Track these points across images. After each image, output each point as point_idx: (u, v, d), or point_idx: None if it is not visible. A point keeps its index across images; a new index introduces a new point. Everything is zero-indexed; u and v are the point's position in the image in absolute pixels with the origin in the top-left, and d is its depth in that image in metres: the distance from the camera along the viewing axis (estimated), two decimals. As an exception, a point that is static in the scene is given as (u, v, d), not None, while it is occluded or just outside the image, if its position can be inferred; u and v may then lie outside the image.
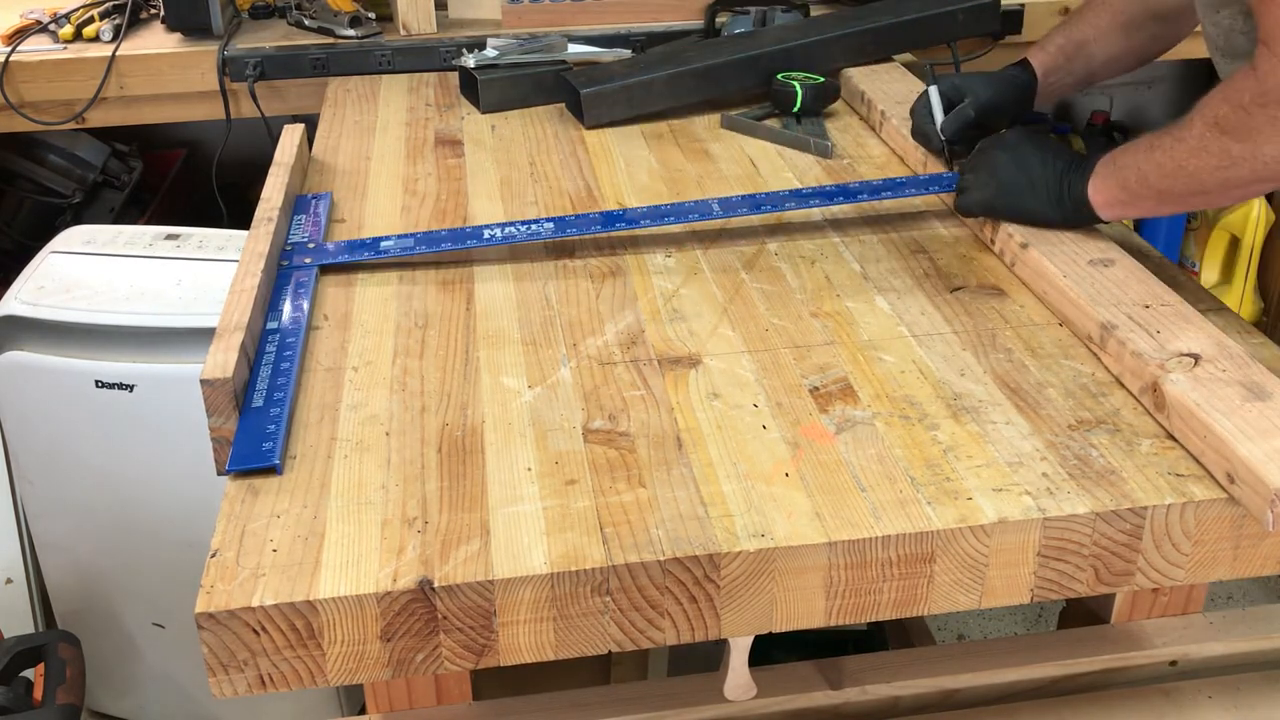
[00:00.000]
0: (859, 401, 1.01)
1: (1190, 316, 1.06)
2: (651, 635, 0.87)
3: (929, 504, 0.89)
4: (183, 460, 1.62)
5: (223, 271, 1.63)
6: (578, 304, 1.18)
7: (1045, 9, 2.06)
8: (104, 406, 1.62)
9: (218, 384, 0.97)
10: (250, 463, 0.93)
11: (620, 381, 1.05)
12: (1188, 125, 1.07)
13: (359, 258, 1.25)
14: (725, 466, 0.93)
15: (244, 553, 0.85)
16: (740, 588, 0.86)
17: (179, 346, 1.59)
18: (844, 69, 1.76)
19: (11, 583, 1.85)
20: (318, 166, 1.53)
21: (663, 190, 1.45)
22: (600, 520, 0.88)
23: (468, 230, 1.30)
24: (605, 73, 1.70)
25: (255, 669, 0.83)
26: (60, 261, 1.70)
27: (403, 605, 0.82)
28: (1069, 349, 1.09)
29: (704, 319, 1.15)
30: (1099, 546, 0.89)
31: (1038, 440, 0.96)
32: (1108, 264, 1.15)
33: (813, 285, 1.21)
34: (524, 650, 0.86)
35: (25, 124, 1.91)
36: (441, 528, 0.87)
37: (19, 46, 1.90)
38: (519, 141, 1.62)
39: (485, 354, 1.10)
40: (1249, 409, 0.92)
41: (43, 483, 1.73)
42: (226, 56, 1.89)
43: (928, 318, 1.14)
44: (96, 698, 1.91)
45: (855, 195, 1.35)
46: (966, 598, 0.90)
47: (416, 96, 1.81)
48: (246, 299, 1.10)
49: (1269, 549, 0.93)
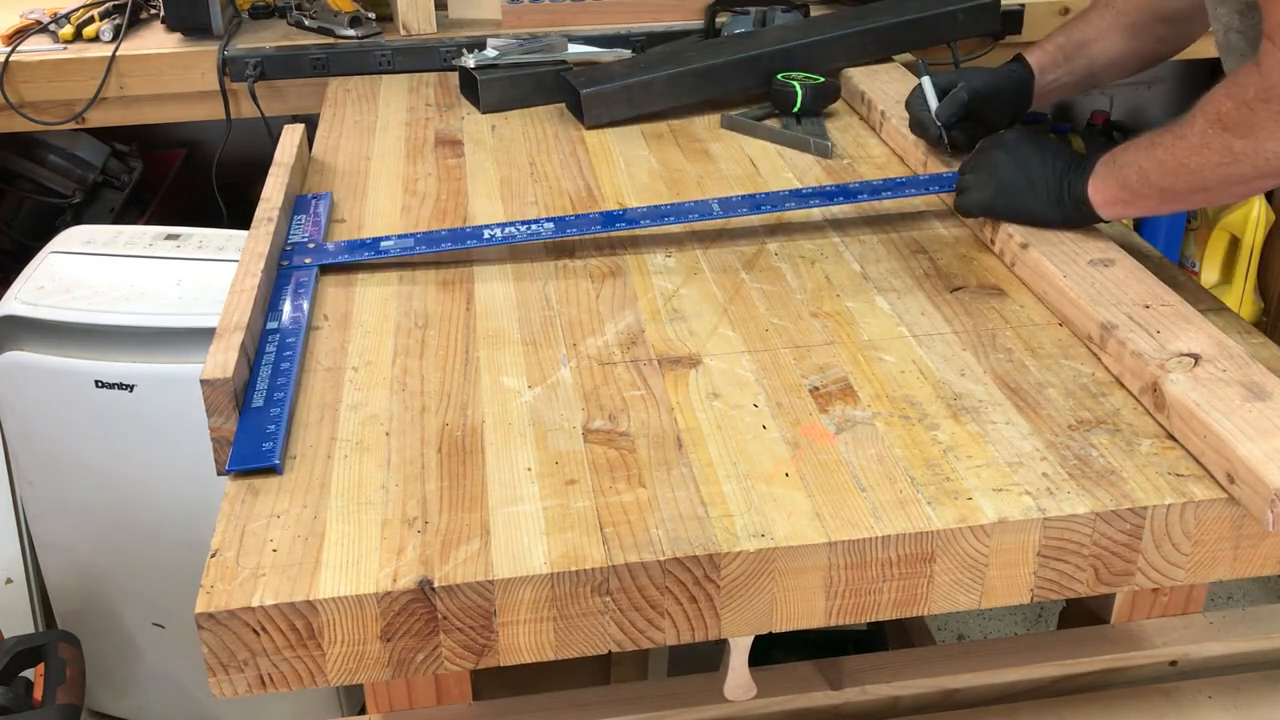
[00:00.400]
0: (859, 401, 1.01)
1: (1190, 316, 1.06)
2: (651, 635, 0.87)
3: (929, 504, 0.89)
4: (183, 460, 1.62)
5: (223, 271, 1.63)
6: (578, 304, 1.18)
7: (1045, 9, 2.06)
8: (104, 406, 1.62)
9: (218, 384, 0.97)
10: (250, 463, 0.93)
11: (620, 381, 1.05)
12: (1189, 122, 1.06)
13: (359, 258, 1.25)
14: (725, 466, 0.93)
15: (244, 553, 0.85)
16: (740, 588, 0.86)
17: (179, 346, 1.59)
18: (844, 69, 1.76)
19: (11, 583, 1.85)
20: (318, 166, 1.53)
21: (663, 190, 1.45)
22: (600, 520, 0.88)
23: (468, 230, 1.30)
24: (605, 73, 1.70)
25: (255, 669, 0.83)
26: (60, 261, 1.70)
27: (403, 605, 0.82)
28: (1069, 349, 1.09)
29: (704, 319, 1.15)
30: (1099, 546, 0.89)
31: (1038, 440, 0.96)
32: (1108, 264, 1.15)
33: (813, 285, 1.21)
34: (524, 650, 0.86)
35: (25, 124, 1.91)
36: (441, 528, 0.87)
37: (19, 46, 1.90)
38: (519, 141, 1.62)
39: (485, 354, 1.10)
40: (1249, 409, 0.92)
41: (43, 483, 1.73)
42: (226, 56, 1.89)
43: (928, 318, 1.14)
44: (96, 698, 1.91)
45: (855, 195, 1.35)
46: (966, 598, 0.90)
47: (416, 96, 1.81)
48: (246, 299, 1.10)
49: (1269, 549, 0.93)
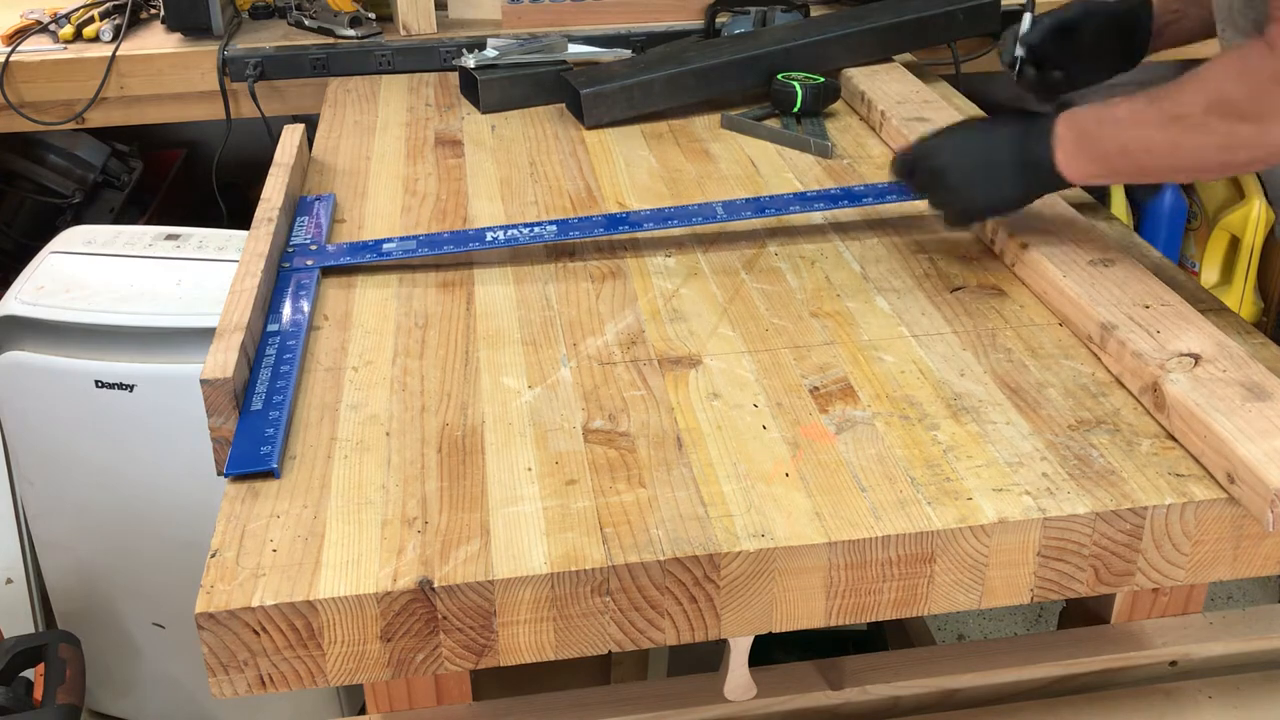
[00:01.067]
0: (859, 401, 1.01)
1: (1190, 316, 1.06)
2: (651, 635, 0.87)
3: (929, 504, 0.89)
4: (183, 460, 1.62)
5: (223, 271, 1.63)
6: (578, 304, 1.18)
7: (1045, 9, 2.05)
8: (104, 406, 1.62)
9: (218, 384, 0.97)
10: (248, 466, 0.93)
11: (620, 381, 1.05)
12: (1185, 102, 1.01)
13: (361, 260, 1.25)
14: (725, 466, 0.93)
15: (244, 553, 0.85)
16: (740, 588, 0.86)
17: (179, 346, 1.59)
18: (844, 69, 1.76)
19: (11, 583, 1.85)
20: (318, 166, 1.53)
21: (663, 190, 1.45)
22: (600, 520, 0.88)
23: (470, 233, 1.30)
24: (605, 73, 1.70)
25: (255, 669, 0.83)
26: (60, 261, 1.70)
27: (403, 605, 0.82)
28: (1069, 349, 1.09)
29: (704, 319, 1.15)
30: (1099, 547, 0.89)
31: (1038, 440, 0.96)
32: (1108, 264, 1.15)
33: (813, 285, 1.21)
34: (524, 650, 0.86)
35: (25, 124, 1.91)
36: (441, 528, 0.87)
37: (19, 46, 1.90)
38: (519, 141, 1.62)
39: (485, 354, 1.10)
40: (1249, 409, 0.92)
41: (43, 483, 1.73)
42: (226, 56, 1.89)
43: (928, 318, 1.14)
44: (96, 698, 1.91)
45: (859, 199, 1.34)
46: (966, 598, 0.90)
47: (416, 96, 1.81)
48: (246, 299, 1.10)
49: (1269, 549, 0.93)
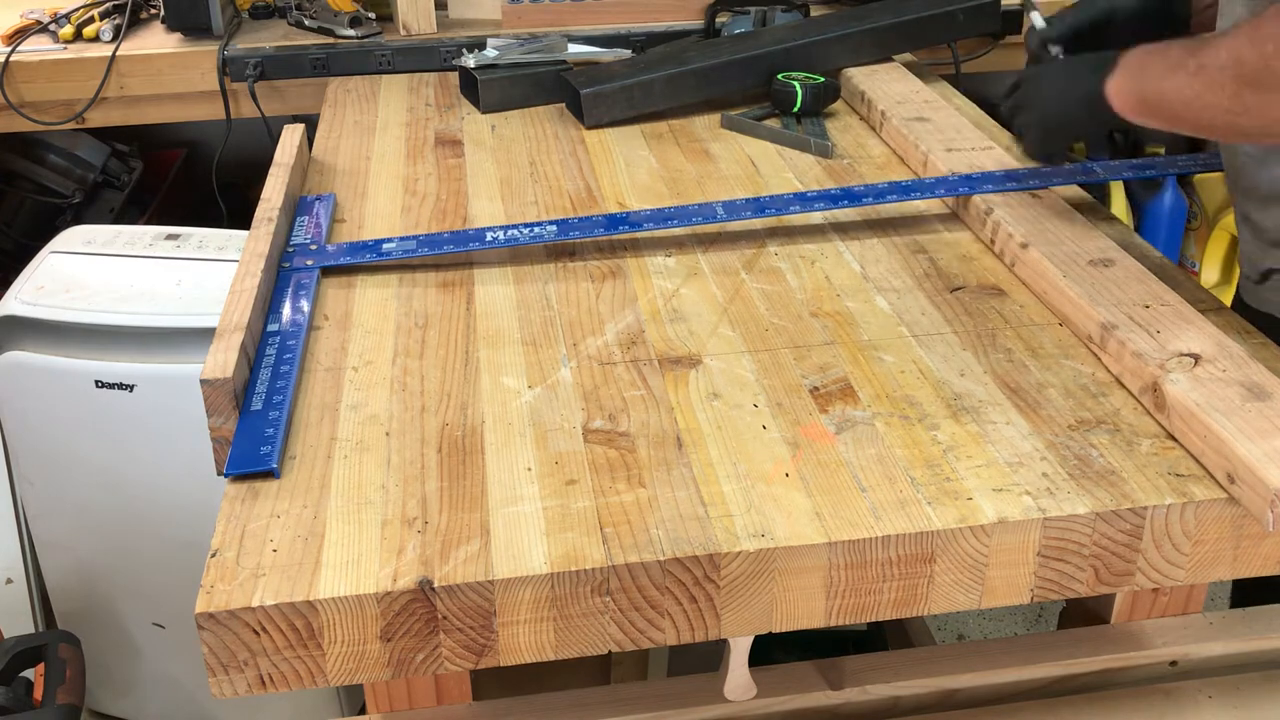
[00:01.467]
0: (859, 401, 1.01)
1: (1190, 316, 1.06)
2: (651, 635, 0.87)
3: (929, 504, 0.89)
4: (183, 460, 1.62)
5: (223, 271, 1.63)
6: (578, 304, 1.18)
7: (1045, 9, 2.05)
8: (104, 406, 1.62)
9: (218, 384, 0.97)
10: (248, 466, 0.93)
11: (620, 381, 1.05)
12: (1213, 53, 1.01)
13: (361, 260, 1.25)
14: (725, 466, 0.93)
15: (244, 553, 0.85)
16: (740, 588, 0.86)
17: (179, 346, 1.59)
18: (844, 69, 1.76)
19: (11, 583, 1.85)
20: (318, 166, 1.53)
21: (663, 190, 1.45)
22: (600, 520, 0.88)
23: (470, 233, 1.30)
24: (605, 73, 1.70)
25: (255, 669, 0.83)
26: (60, 261, 1.70)
27: (403, 605, 0.82)
28: (1069, 349, 1.09)
29: (704, 319, 1.15)
30: (1099, 547, 0.89)
31: (1038, 440, 0.96)
32: (1108, 264, 1.15)
33: (813, 285, 1.21)
34: (524, 650, 0.86)
35: (25, 124, 1.90)
36: (441, 528, 0.87)
37: (19, 46, 1.90)
38: (519, 141, 1.62)
39: (485, 354, 1.10)
40: (1249, 409, 0.92)
41: (43, 483, 1.73)
42: (226, 56, 1.89)
43: (928, 318, 1.14)
44: (96, 698, 1.92)
45: (860, 199, 1.34)
46: (966, 598, 0.90)
47: (416, 96, 1.81)
48: (246, 299, 1.10)
49: (1269, 549, 0.93)
